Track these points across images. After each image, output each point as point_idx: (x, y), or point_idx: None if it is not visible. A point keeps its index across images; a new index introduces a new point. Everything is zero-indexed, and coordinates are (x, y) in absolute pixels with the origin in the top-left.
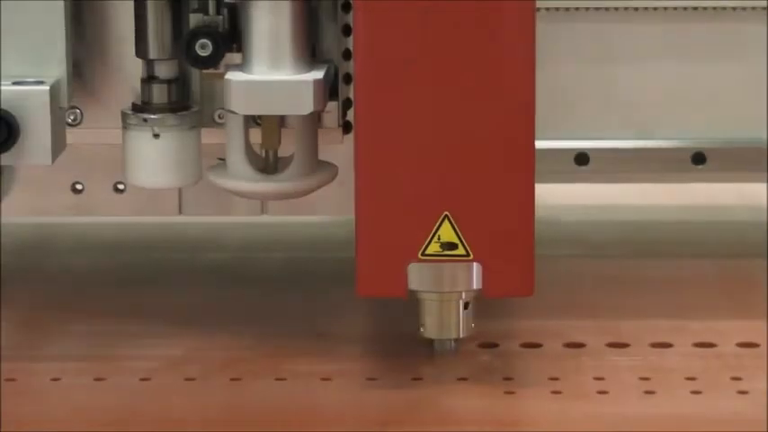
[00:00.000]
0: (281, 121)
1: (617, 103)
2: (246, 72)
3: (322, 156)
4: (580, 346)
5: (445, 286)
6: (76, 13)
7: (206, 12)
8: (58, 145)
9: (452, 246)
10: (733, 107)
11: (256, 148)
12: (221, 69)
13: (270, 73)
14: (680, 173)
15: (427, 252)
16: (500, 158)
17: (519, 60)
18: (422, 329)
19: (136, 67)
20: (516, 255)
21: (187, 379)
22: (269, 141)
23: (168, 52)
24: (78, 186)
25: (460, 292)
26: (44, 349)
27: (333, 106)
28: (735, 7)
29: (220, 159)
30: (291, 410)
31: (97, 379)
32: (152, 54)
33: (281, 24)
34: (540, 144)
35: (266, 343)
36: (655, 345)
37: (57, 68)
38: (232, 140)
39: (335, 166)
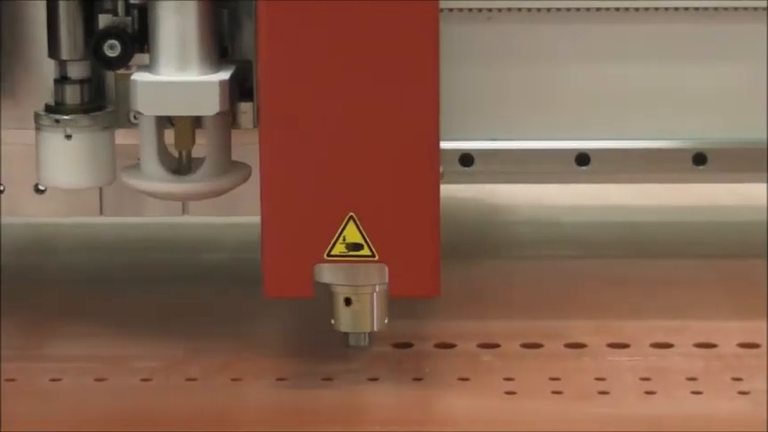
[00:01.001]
0: (196, 121)
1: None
2: (153, 73)
3: (243, 157)
4: (581, 346)
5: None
6: None
7: (116, 13)
8: None
9: (358, 246)
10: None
11: (172, 149)
12: (133, 70)
13: (176, 74)
14: (683, 173)
15: (333, 253)
16: (404, 159)
17: (422, 61)
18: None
19: (52, 68)
20: (421, 255)
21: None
22: (181, 142)
23: (80, 53)
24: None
25: (374, 286)
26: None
27: (248, 107)
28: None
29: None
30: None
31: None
32: (64, 55)
33: (186, 25)
34: (540, 144)
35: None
36: (655, 345)
37: None
38: (145, 141)
39: (249, 166)
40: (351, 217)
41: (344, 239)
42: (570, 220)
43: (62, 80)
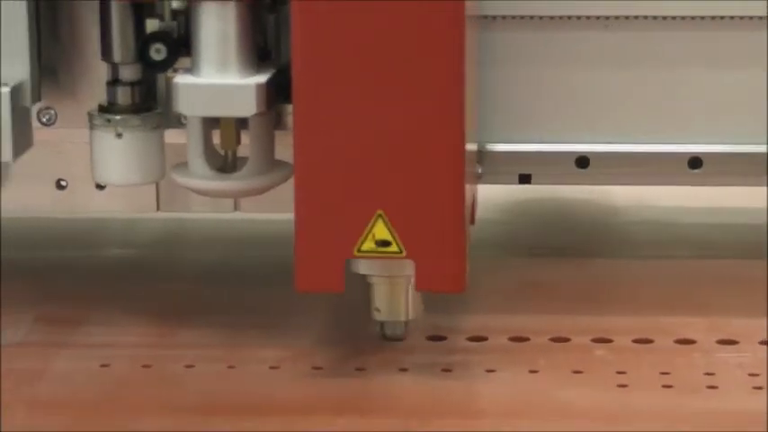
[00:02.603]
0: (240, 122)
1: None
2: (195, 75)
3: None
4: (691, 342)
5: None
6: (51, 14)
7: (163, 18)
8: (21, 143)
9: (386, 243)
10: None
11: (219, 149)
12: (179, 72)
13: (216, 76)
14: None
15: (362, 249)
16: (430, 158)
17: (448, 62)
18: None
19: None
20: (448, 252)
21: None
22: (227, 142)
23: (131, 56)
24: (63, 183)
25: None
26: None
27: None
28: None
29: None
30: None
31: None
32: (116, 58)
33: (226, 29)
34: (654, 148)
35: None
36: (764, 342)
37: (20, 70)
38: (191, 141)
39: (291, 164)
40: (380, 215)
41: (374, 236)
42: (684, 221)
43: (114, 82)
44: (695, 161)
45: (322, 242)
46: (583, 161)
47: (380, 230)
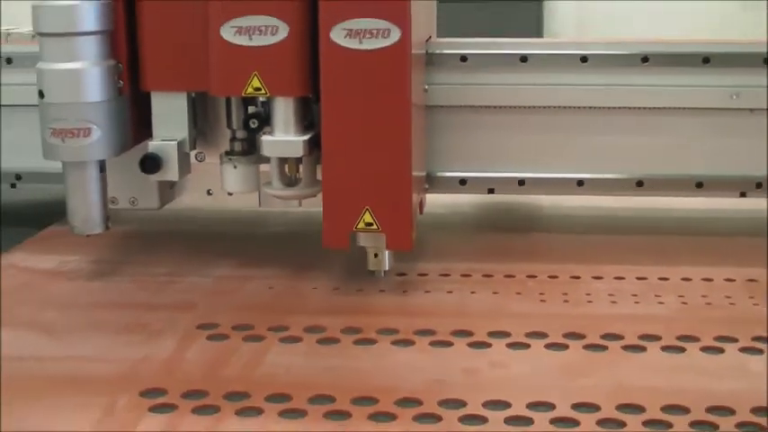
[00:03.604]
0: (297, 159)
1: None
2: (272, 135)
3: None
4: (578, 278)
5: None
6: (202, 102)
7: (257, 105)
8: (183, 170)
9: (370, 224)
10: None
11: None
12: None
13: (283, 135)
14: None
15: (358, 227)
16: (395, 179)
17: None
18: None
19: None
20: (402, 229)
21: None
22: (290, 170)
23: (241, 125)
24: (210, 191)
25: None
26: None
27: None
28: None
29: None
30: None
31: None
32: (234, 126)
33: (288, 112)
34: (558, 175)
35: None
36: (618, 278)
37: (182, 133)
38: (273, 168)
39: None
40: (367, 209)
41: (364, 221)
42: (577, 214)
43: (233, 139)
44: (580, 182)
45: (338, 223)
46: (522, 181)
47: (367, 217)
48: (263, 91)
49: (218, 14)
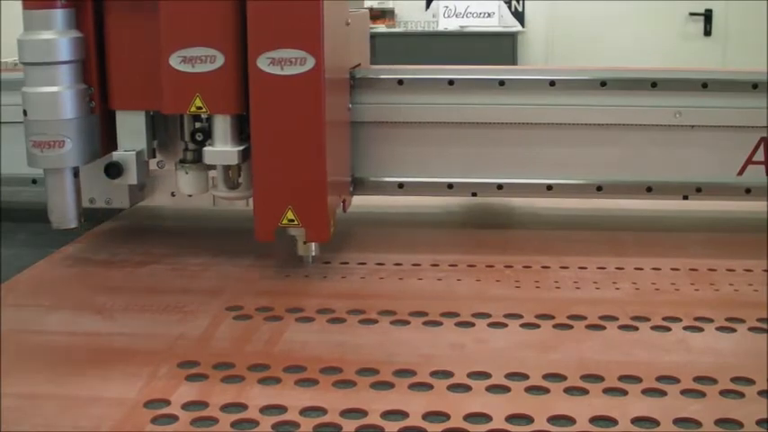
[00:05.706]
0: (238, 166)
1: None
2: (214, 146)
3: None
4: (547, 267)
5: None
6: (159, 121)
7: (202, 121)
8: (142, 177)
9: (292, 220)
10: None
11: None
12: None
13: (221, 146)
14: None
15: (282, 223)
16: (313, 183)
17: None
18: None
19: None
20: (320, 224)
21: None
22: (233, 174)
23: (190, 138)
24: (174, 193)
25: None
26: None
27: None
28: None
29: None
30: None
31: None
32: (185, 138)
33: (226, 127)
34: (531, 180)
35: None
36: (582, 267)
37: (141, 145)
38: (219, 174)
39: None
40: (289, 207)
41: (287, 217)
42: (545, 213)
43: (185, 150)
44: (549, 186)
45: (267, 219)
46: (500, 186)
47: (290, 215)
48: (204, 110)
49: (167, 46)
